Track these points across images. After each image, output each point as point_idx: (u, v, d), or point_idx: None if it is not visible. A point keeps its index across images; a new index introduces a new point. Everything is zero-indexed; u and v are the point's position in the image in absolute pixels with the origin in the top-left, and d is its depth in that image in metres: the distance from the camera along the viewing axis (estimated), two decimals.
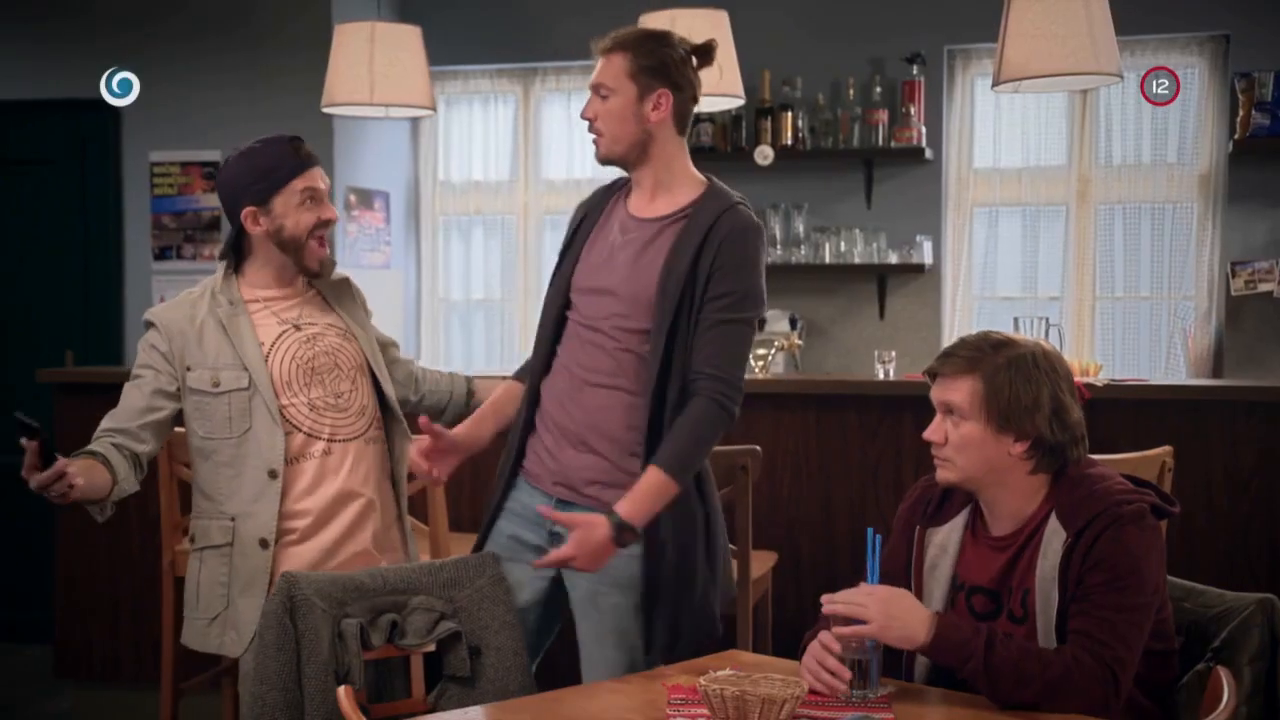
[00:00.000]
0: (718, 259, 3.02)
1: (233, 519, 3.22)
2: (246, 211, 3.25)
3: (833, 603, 2.52)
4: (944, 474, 2.65)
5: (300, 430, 3.24)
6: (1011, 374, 2.58)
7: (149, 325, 3.29)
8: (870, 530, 2.63)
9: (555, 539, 3.09)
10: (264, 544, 3.20)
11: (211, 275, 3.35)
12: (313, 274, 3.35)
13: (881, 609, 2.47)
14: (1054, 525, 2.57)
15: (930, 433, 2.65)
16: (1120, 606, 2.46)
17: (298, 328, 3.31)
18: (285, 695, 2.80)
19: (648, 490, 2.95)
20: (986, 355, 2.61)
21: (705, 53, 3.18)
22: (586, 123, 3.18)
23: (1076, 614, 2.48)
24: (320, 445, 3.25)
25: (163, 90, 6.63)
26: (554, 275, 3.26)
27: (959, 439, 2.60)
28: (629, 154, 3.13)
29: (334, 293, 3.44)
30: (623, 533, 2.92)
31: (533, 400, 3.20)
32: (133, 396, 3.26)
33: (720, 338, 3.02)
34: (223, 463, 3.23)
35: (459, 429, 3.28)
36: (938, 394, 2.66)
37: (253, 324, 3.26)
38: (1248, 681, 2.58)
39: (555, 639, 3.27)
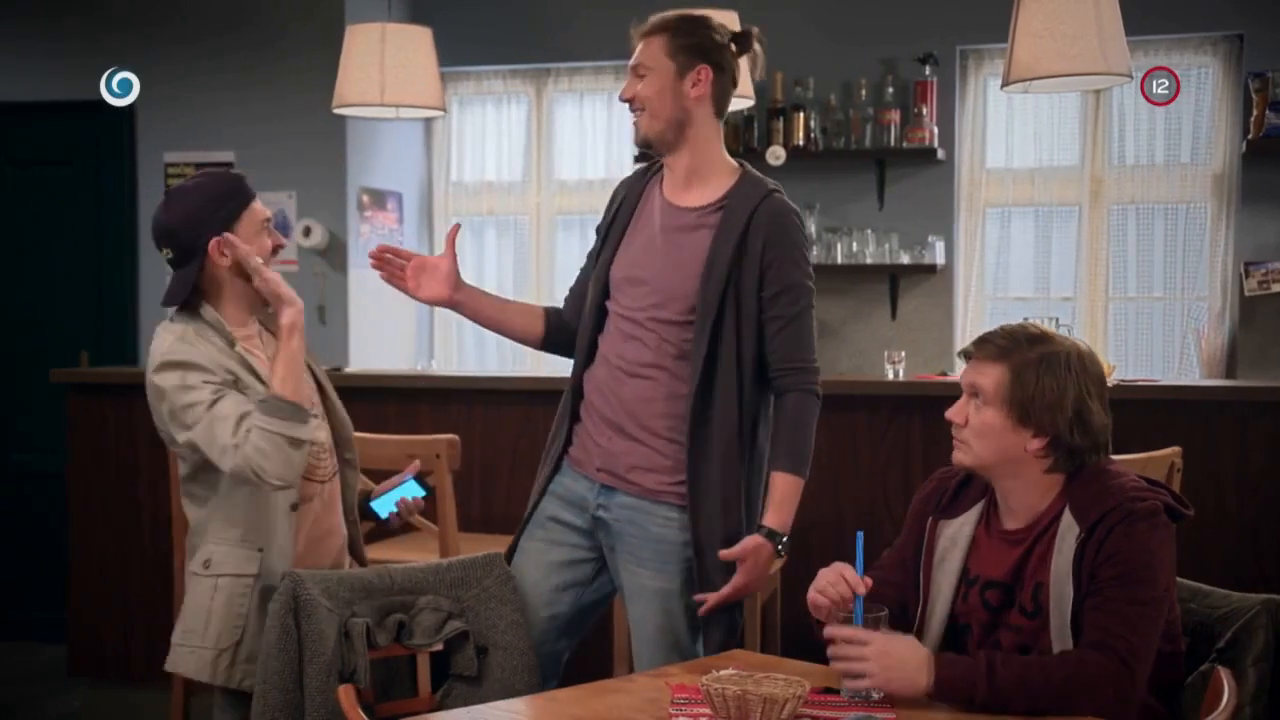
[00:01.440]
0: (768, 252, 3.08)
1: (260, 550, 3.06)
2: (215, 243, 3.05)
3: (836, 656, 2.51)
4: (960, 456, 2.67)
5: None
6: (1040, 370, 2.58)
7: (191, 367, 2.99)
8: (859, 533, 2.64)
9: (598, 523, 3.20)
10: (285, 576, 3.06)
11: (176, 322, 3.12)
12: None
13: (879, 660, 2.46)
14: (1068, 520, 2.57)
15: (953, 412, 2.67)
16: (1132, 599, 2.46)
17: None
18: (285, 695, 2.82)
19: (785, 498, 3.11)
20: (1020, 347, 2.62)
21: (743, 39, 3.21)
22: (624, 110, 3.26)
23: (1090, 609, 2.48)
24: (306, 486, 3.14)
25: (177, 92, 6.68)
26: (596, 263, 3.28)
27: (979, 424, 2.62)
28: (667, 132, 3.15)
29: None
30: (778, 542, 3.10)
31: (576, 390, 3.27)
32: (235, 403, 2.98)
33: (795, 332, 3.12)
34: (260, 492, 3.04)
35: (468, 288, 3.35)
36: (967, 375, 2.67)
37: (254, 359, 3.10)
38: (1252, 682, 2.57)
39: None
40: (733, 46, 3.19)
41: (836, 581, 2.58)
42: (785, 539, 3.11)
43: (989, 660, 2.44)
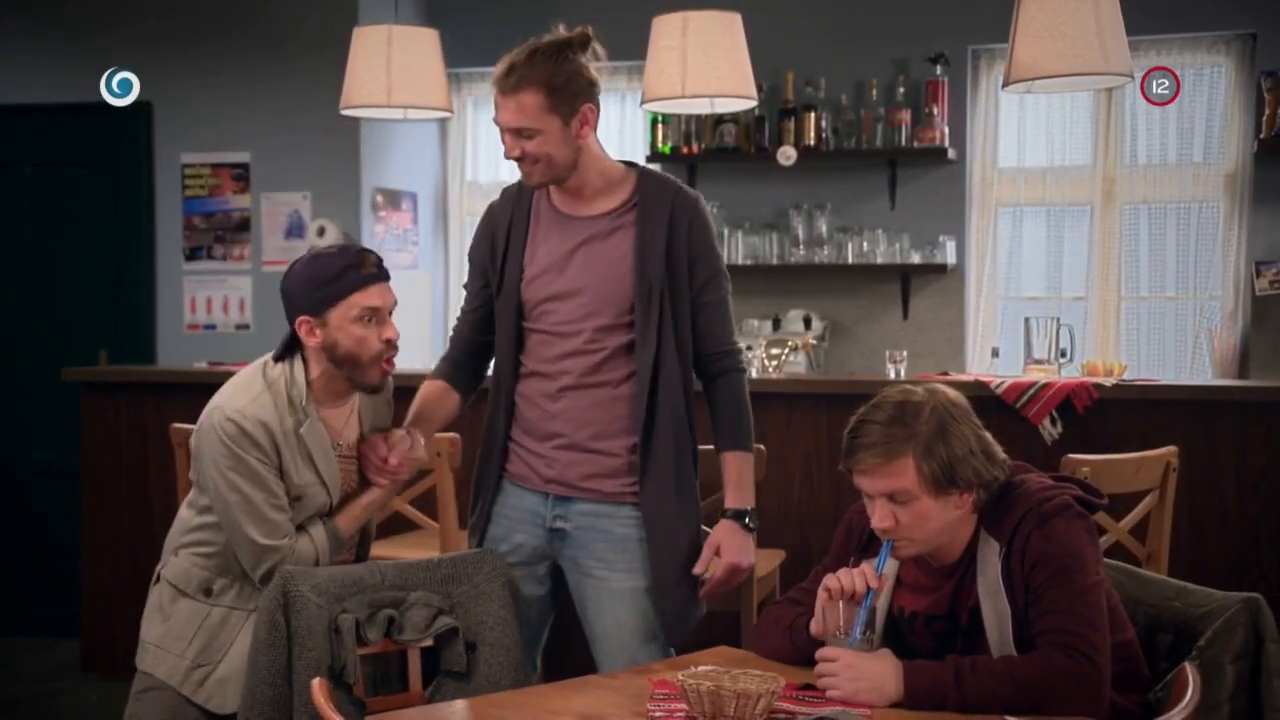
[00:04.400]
0: (692, 243, 3.16)
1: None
2: (300, 321, 3.09)
3: (816, 674, 2.55)
4: (906, 551, 2.64)
5: None
6: (938, 435, 2.56)
7: (243, 434, 3.03)
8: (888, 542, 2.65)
9: (554, 535, 3.20)
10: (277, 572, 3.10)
11: (275, 366, 3.14)
12: (372, 390, 3.23)
13: (847, 674, 2.49)
14: (985, 538, 2.61)
15: (880, 520, 2.60)
16: (1070, 593, 2.49)
17: (337, 451, 3.20)
18: (274, 690, 2.85)
19: (741, 475, 3.19)
20: (905, 428, 2.57)
21: (584, 41, 3.18)
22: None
23: (1037, 617, 2.51)
24: None
25: (193, 92, 6.74)
26: (498, 288, 3.25)
27: (912, 519, 2.58)
28: (563, 172, 3.14)
29: (372, 404, 3.31)
30: (745, 520, 3.16)
31: (509, 408, 3.26)
32: (273, 507, 3.07)
33: (721, 316, 3.21)
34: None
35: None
36: (873, 485, 2.61)
37: (323, 437, 3.14)
38: (1230, 680, 2.58)
39: (555, 631, 3.38)
40: (582, 56, 3.15)
41: (855, 574, 2.60)
42: (750, 512, 3.19)
43: (956, 668, 2.46)
